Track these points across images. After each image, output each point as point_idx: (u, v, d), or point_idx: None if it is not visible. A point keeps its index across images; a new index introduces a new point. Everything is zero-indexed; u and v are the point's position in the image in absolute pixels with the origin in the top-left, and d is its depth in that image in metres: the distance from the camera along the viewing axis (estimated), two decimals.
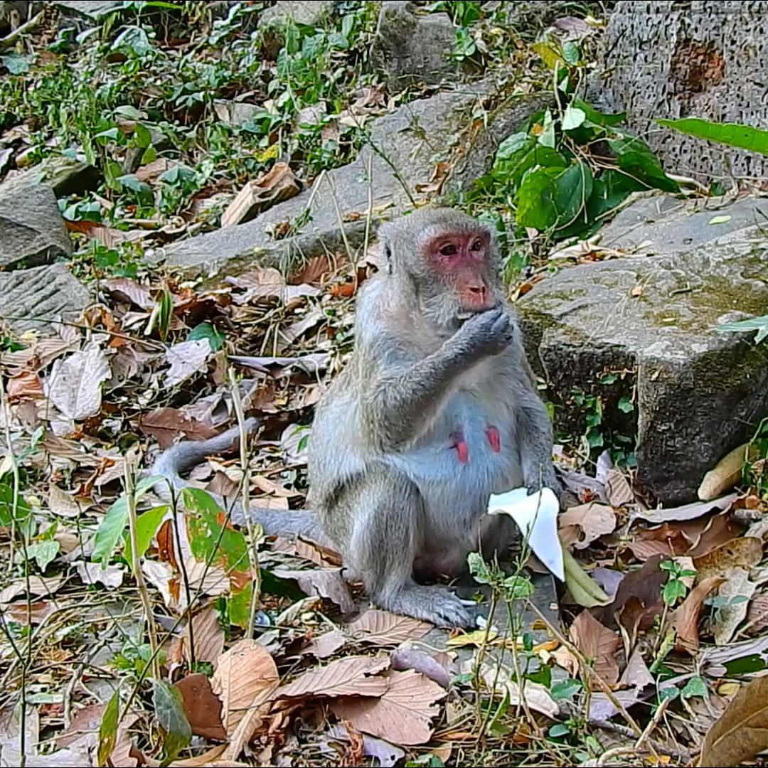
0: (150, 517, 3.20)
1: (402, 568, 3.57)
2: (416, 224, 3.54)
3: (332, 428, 3.74)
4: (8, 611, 3.70)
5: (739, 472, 3.99)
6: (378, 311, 3.60)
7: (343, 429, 3.69)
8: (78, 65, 10.54)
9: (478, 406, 3.57)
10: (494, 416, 3.59)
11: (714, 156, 6.00)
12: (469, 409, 3.55)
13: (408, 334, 3.55)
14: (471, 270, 3.46)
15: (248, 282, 6.37)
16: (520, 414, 3.63)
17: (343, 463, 3.68)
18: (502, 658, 2.96)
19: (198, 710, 2.92)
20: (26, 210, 7.37)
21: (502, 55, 7.94)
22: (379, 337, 3.56)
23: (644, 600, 3.36)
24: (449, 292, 3.44)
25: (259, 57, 9.84)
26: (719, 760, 2.61)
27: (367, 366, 3.57)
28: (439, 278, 3.46)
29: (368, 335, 3.59)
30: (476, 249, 3.49)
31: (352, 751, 2.87)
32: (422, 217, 3.58)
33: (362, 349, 3.61)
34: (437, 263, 3.47)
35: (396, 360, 3.53)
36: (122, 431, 5.25)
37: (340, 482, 3.69)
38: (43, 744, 3.06)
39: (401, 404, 3.45)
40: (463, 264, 3.47)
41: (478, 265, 3.48)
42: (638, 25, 6.33)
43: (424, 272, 3.47)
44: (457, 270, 3.46)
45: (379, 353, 3.55)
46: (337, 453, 3.70)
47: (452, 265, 3.47)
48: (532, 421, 3.63)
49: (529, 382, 3.70)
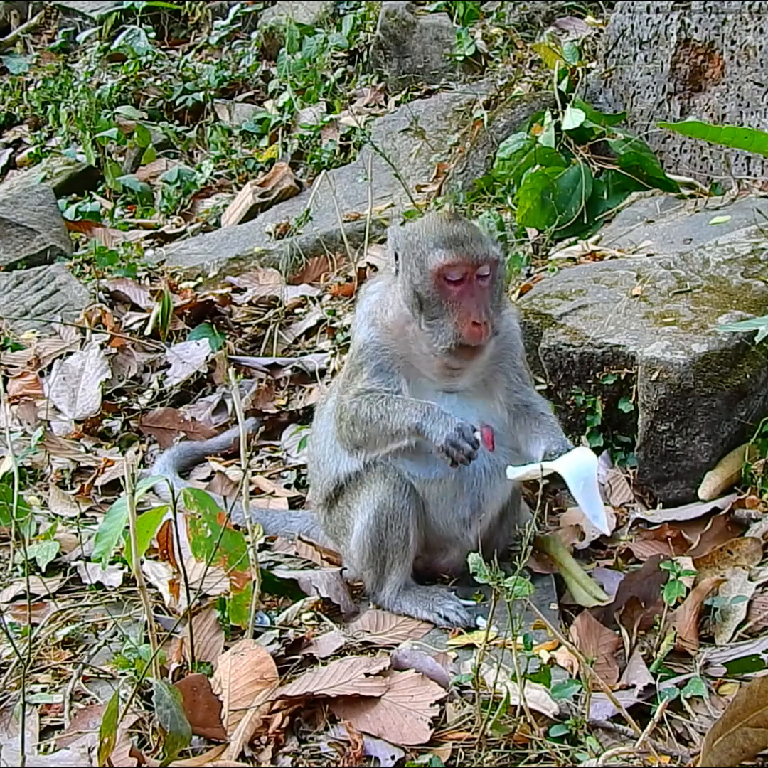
0: (150, 517, 3.21)
1: (402, 567, 3.57)
2: (428, 241, 3.46)
3: (327, 425, 3.75)
4: (8, 611, 3.70)
5: (739, 472, 3.99)
6: (374, 317, 3.59)
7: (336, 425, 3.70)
8: (78, 65, 10.54)
9: (472, 406, 3.57)
10: (488, 415, 3.58)
11: (714, 156, 6.00)
12: (462, 409, 3.53)
13: (399, 347, 3.54)
14: (475, 300, 3.41)
15: (248, 282, 6.37)
16: (521, 407, 3.60)
17: (342, 462, 3.68)
18: (502, 658, 2.96)
19: (198, 710, 2.92)
20: (26, 210, 7.37)
21: (502, 55, 7.94)
22: (370, 345, 3.55)
23: (644, 600, 3.36)
24: (450, 320, 3.41)
25: (259, 57, 9.84)
26: (719, 760, 2.61)
27: (352, 368, 3.58)
28: (442, 303, 3.43)
29: (359, 339, 3.59)
30: (483, 276, 3.45)
31: (352, 751, 2.87)
32: (434, 234, 3.47)
33: (352, 349, 3.63)
34: (443, 288, 3.43)
35: (381, 372, 3.52)
36: (122, 431, 5.25)
37: (339, 481, 3.69)
38: (43, 744, 3.06)
39: (368, 422, 3.48)
40: (469, 292, 3.42)
41: (484, 293, 3.44)
42: (638, 25, 6.33)
43: (429, 294, 3.44)
44: (462, 298, 3.42)
45: (365, 361, 3.54)
46: (334, 452, 3.70)
47: (458, 292, 3.43)
48: (536, 410, 3.61)
49: (528, 376, 3.70)
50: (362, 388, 3.52)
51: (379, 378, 3.52)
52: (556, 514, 4.12)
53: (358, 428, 3.52)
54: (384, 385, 3.52)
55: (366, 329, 3.59)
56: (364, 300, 3.68)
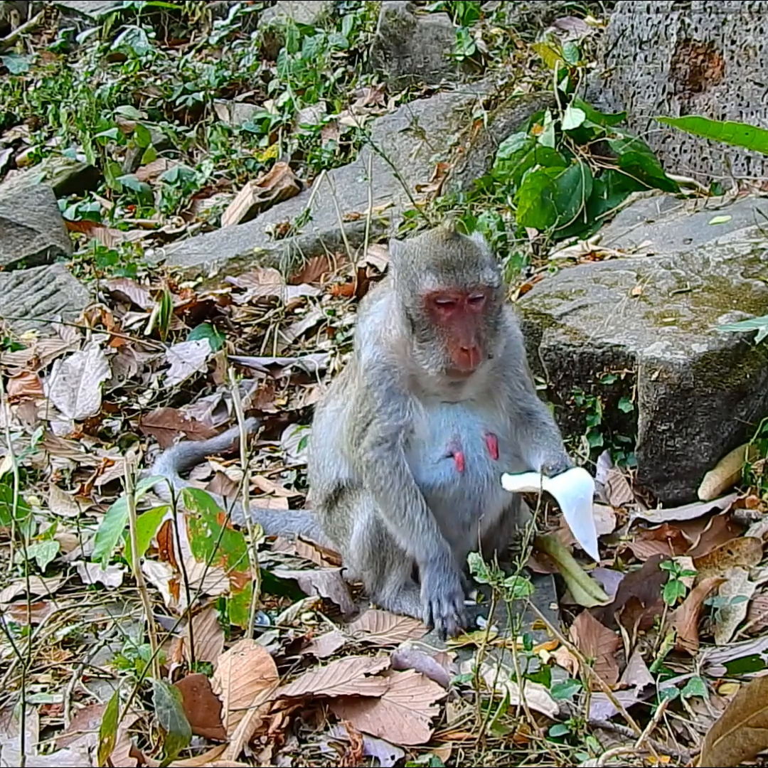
0: (150, 517, 3.21)
1: (402, 568, 3.57)
2: (420, 263, 3.39)
3: (327, 432, 3.74)
4: (8, 611, 3.70)
5: (739, 472, 3.99)
6: (378, 336, 3.53)
7: (336, 436, 3.69)
8: (78, 65, 10.54)
9: (475, 414, 3.54)
10: (492, 423, 3.56)
11: (714, 156, 6.00)
12: (466, 417, 3.52)
13: (405, 365, 3.48)
14: (466, 325, 3.34)
15: (248, 282, 6.37)
16: (523, 415, 3.59)
17: (342, 467, 3.67)
18: (502, 658, 2.96)
19: (198, 710, 2.92)
20: (26, 210, 7.37)
21: (502, 55, 7.94)
22: (377, 365, 3.50)
23: (644, 600, 3.36)
24: (440, 344, 3.36)
25: (259, 57, 9.85)
26: (719, 760, 2.61)
27: (361, 393, 3.53)
28: (433, 327, 3.37)
29: (365, 359, 3.52)
30: (476, 301, 3.37)
31: (352, 751, 2.87)
32: (428, 256, 3.40)
33: (358, 368, 3.56)
34: (433, 312, 3.37)
35: (393, 397, 3.47)
36: (122, 431, 5.24)
37: (340, 484, 3.69)
38: (43, 744, 3.06)
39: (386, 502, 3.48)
40: (459, 317, 3.35)
41: (476, 318, 3.37)
42: (638, 25, 6.33)
43: (419, 317, 3.38)
44: (452, 323, 3.35)
45: (373, 383, 3.49)
46: (334, 457, 3.70)
47: (448, 317, 3.36)
48: (538, 419, 3.58)
49: (530, 383, 3.69)
50: (378, 437, 3.45)
51: (392, 405, 3.46)
52: (556, 514, 4.12)
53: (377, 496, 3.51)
54: (400, 421, 3.46)
55: (371, 348, 3.52)
56: (368, 318, 3.61)
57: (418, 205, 6.42)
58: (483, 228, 5.93)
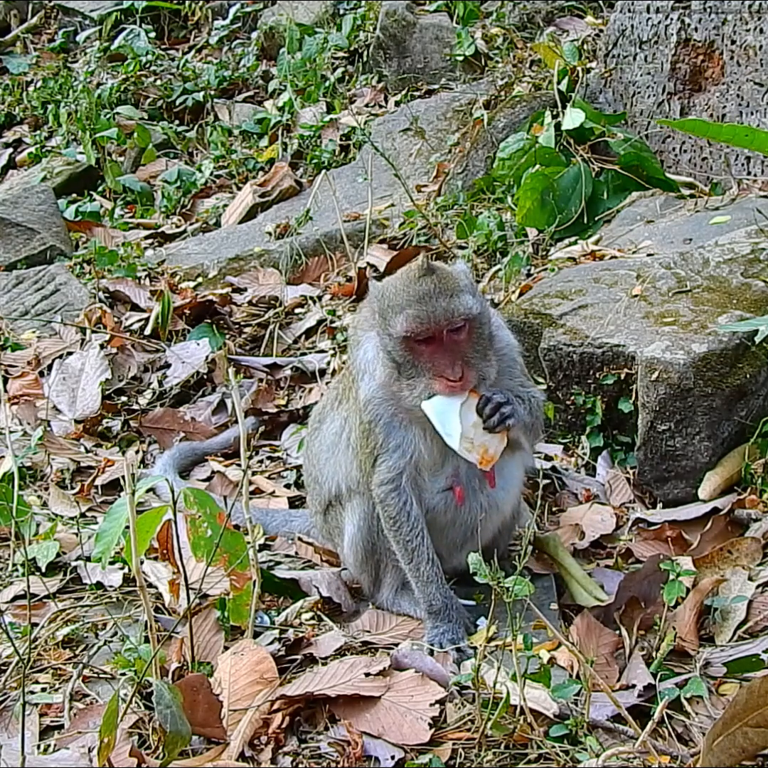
0: (150, 517, 3.20)
1: (396, 570, 3.56)
2: (394, 306, 3.31)
3: (328, 455, 3.71)
4: (8, 611, 3.70)
5: (739, 472, 3.99)
6: (372, 371, 3.47)
7: (336, 461, 3.67)
8: (78, 65, 10.54)
9: None
10: None
11: (714, 156, 6.00)
12: None
13: (401, 401, 3.42)
14: (449, 356, 3.28)
15: (248, 282, 6.37)
16: None
17: (341, 485, 3.67)
18: (502, 658, 2.96)
19: (198, 710, 2.92)
20: (26, 210, 7.37)
21: (502, 55, 7.94)
22: (374, 399, 3.45)
23: (644, 600, 3.36)
24: (425, 378, 3.30)
25: (259, 57, 9.85)
26: (719, 760, 2.61)
27: (363, 428, 3.49)
28: (417, 363, 3.31)
29: (362, 395, 3.48)
30: (456, 331, 3.28)
31: (352, 751, 2.87)
32: (400, 296, 3.31)
33: (358, 400, 3.52)
34: (413, 349, 3.31)
35: (394, 430, 3.44)
36: (122, 431, 5.24)
37: (337, 495, 3.69)
38: (43, 744, 3.06)
39: (398, 539, 3.47)
40: (441, 350, 3.29)
41: (459, 346, 3.30)
42: (638, 25, 6.33)
43: (402, 358, 3.33)
44: (435, 357, 3.29)
45: (374, 418, 3.45)
46: (334, 474, 3.69)
47: (429, 351, 3.30)
48: None
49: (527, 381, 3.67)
50: (385, 476, 3.44)
51: (394, 440, 3.43)
52: (556, 514, 4.12)
53: (389, 528, 3.50)
54: (405, 457, 3.43)
55: (367, 383, 3.48)
56: (360, 348, 3.54)
57: (418, 205, 6.41)
58: (483, 228, 5.93)
